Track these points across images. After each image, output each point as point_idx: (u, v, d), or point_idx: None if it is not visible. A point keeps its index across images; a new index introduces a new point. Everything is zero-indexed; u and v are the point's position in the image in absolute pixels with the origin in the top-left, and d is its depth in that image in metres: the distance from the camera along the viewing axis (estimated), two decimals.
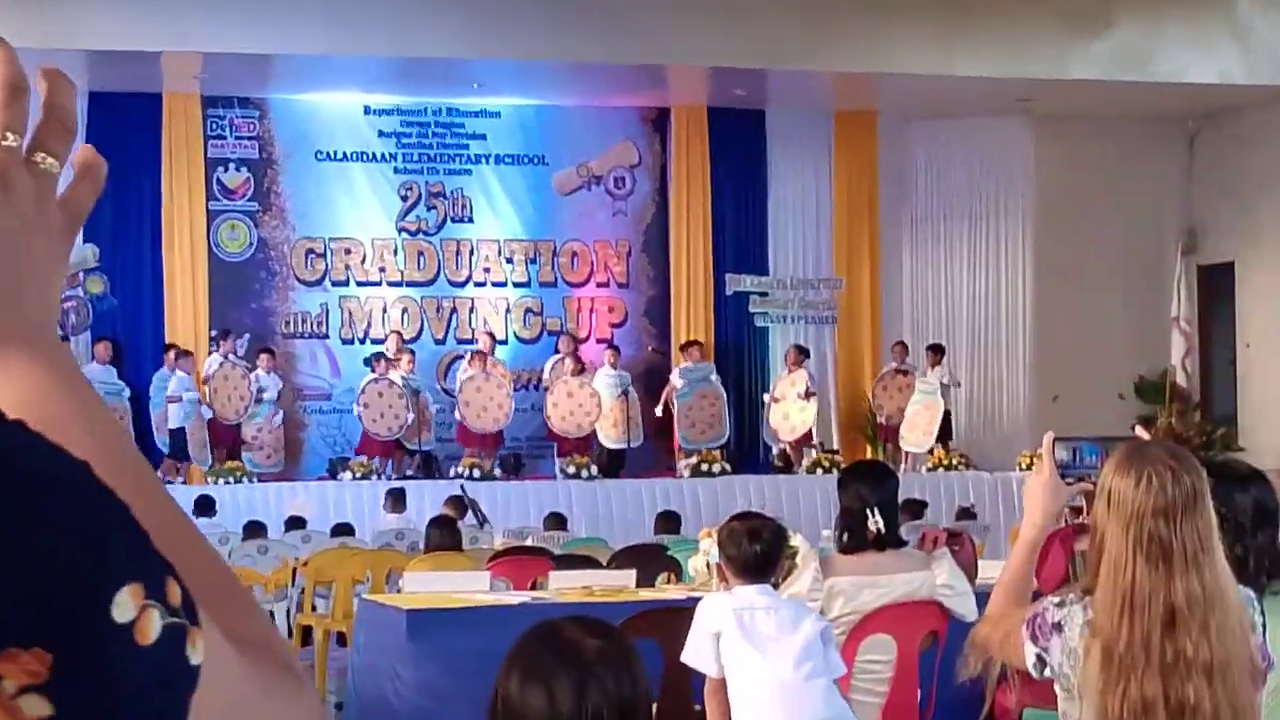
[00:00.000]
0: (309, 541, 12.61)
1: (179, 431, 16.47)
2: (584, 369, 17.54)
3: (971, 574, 6.06)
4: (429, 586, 7.91)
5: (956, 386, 18.49)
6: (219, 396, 16.69)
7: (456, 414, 17.18)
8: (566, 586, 7.79)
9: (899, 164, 19.73)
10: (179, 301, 17.81)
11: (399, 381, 16.98)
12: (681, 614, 5.35)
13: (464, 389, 17.08)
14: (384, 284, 18.64)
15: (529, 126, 18.99)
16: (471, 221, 18.89)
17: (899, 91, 18.09)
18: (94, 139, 15.85)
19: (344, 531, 13.46)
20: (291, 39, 16.04)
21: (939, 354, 18.33)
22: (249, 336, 17.82)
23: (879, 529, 5.52)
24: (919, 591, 5.62)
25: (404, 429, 16.88)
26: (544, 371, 18.14)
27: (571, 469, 16.85)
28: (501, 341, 18.45)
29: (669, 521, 12.78)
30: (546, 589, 7.93)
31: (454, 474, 16.49)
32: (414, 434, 16.97)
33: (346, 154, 18.56)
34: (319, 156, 18.48)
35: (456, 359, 18.28)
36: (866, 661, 5.55)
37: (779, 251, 19.49)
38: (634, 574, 8.09)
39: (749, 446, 18.68)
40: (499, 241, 18.91)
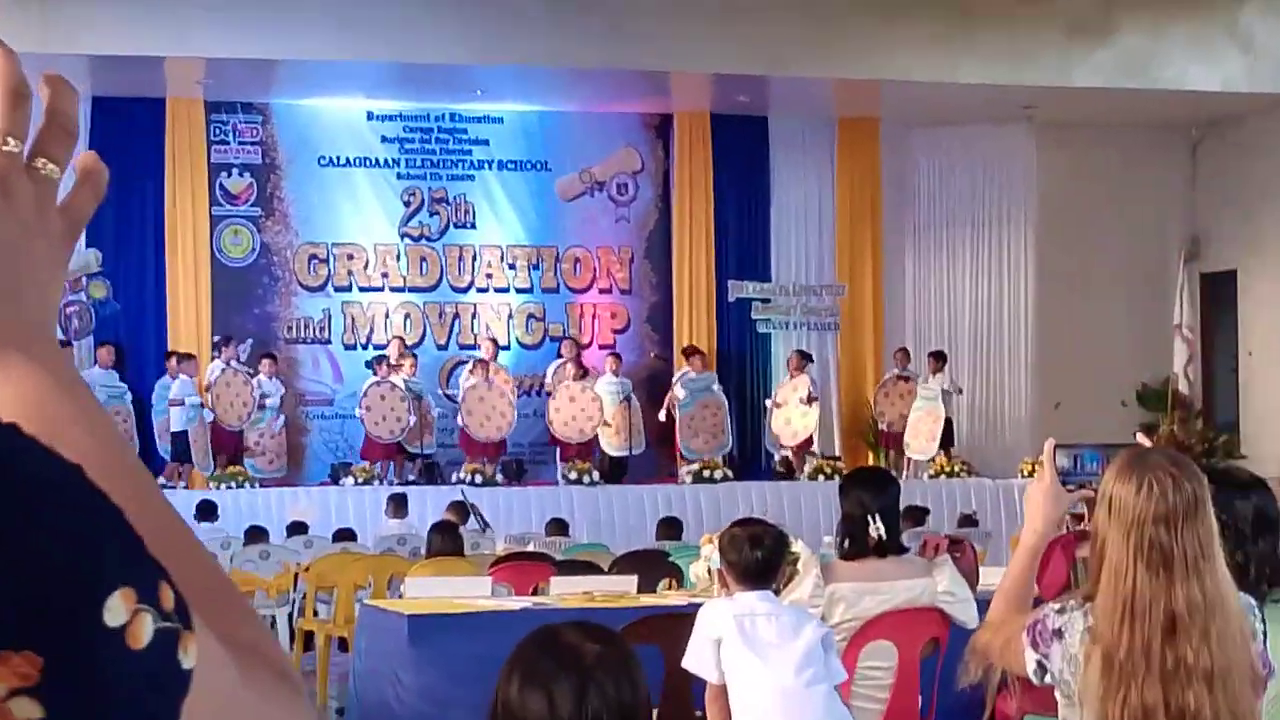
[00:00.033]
0: (311, 547, 12.60)
1: (181, 435, 16.46)
2: (586, 373, 17.55)
3: (973, 581, 6.07)
4: (430, 592, 7.92)
5: (958, 393, 18.49)
6: (221, 403, 16.68)
7: (459, 420, 17.18)
8: (568, 592, 7.80)
9: (901, 171, 19.73)
10: (181, 306, 17.80)
11: (401, 385, 16.98)
12: (683, 620, 5.34)
13: (466, 398, 17.07)
14: (386, 289, 18.63)
15: (532, 132, 18.98)
16: (474, 227, 18.88)
17: (902, 98, 18.09)
18: (97, 144, 15.93)
19: (346, 537, 13.46)
20: (294, 44, 16.04)
21: (940, 361, 18.32)
22: (251, 342, 17.82)
23: (880, 535, 5.52)
24: (920, 598, 5.62)
25: (406, 432, 16.88)
26: (546, 377, 18.14)
27: (574, 474, 16.85)
28: (504, 347, 18.43)
29: (670, 527, 12.78)
30: (548, 594, 7.94)
31: (456, 479, 16.50)
32: (415, 437, 16.98)
33: (349, 159, 18.55)
34: (322, 162, 18.47)
35: (459, 365, 18.27)
36: (867, 668, 5.55)
37: (781, 258, 19.47)
38: (635, 580, 8.10)
39: (751, 453, 18.66)
40: (501, 247, 18.91)
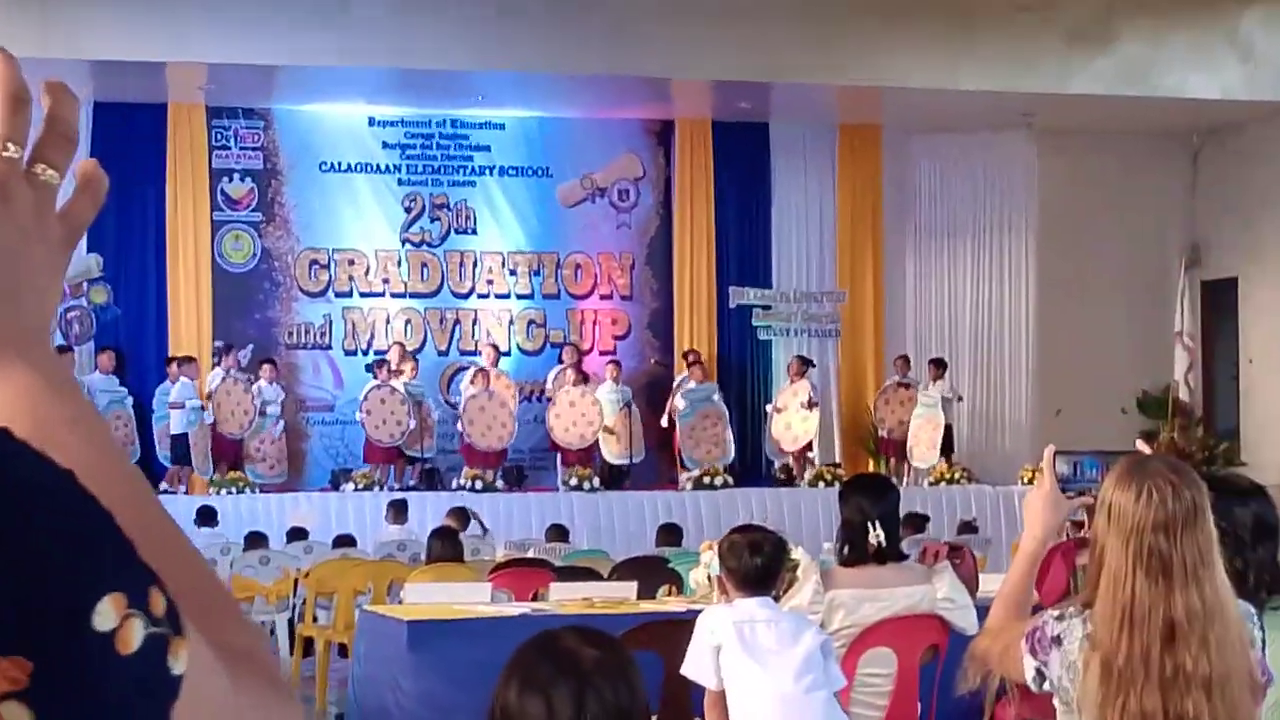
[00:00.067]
0: (311, 552, 12.60)
1: (181, 438, 16.46)
2: (587, 379, 17.55)
3: (972, 588, 6.06)
4: (430, 598, 7.92)
5: (958, 400, 18.49)
6: (222, 412, 16.66)
7: (459, 425, 17.17)
8: (567, 598, 7.80)
9: (902, 177, 19.74)
10: (182, 312, 17.79)
11: (401, 389, 16.98)
12: (682, 626, 5.34)
13: (468, 408, 17.05)
14: (387, 295, 18.63)
15: (533, 138, 18.99)
16: (475, 233, 18.88)
17: (903, 105, 18.10)
18: (98, 149, 15.95)
19: (346, 542, 13.46)
20: (296, 50, 16.04)
21: (941, 368, 18.33)
22: (252, 347, 17.82)
23: (880, 542, 5.52)
24: (920, 605, 5.62)
25: (406, 435, 16.88)
26: (547, 383, 18.13)
27: (574, 481, 16.85)
28: (505, 353, 18.43)
29: (670, 534, 12.78)
30: (547, 600, 7.94)
31: (456, 485, 16.50)
32: (416, 440, 16.98)
33: (350, 165, 18.55)
34: (323, 167, 18.47)
35: (459, 370, 18.28)
36: (867, 674, 5.55)
37: (782, 264, 19.47)
38: (635, 586, 8.10)
39: (751, 459, 18.65)
40: (502, 253, 18.91)
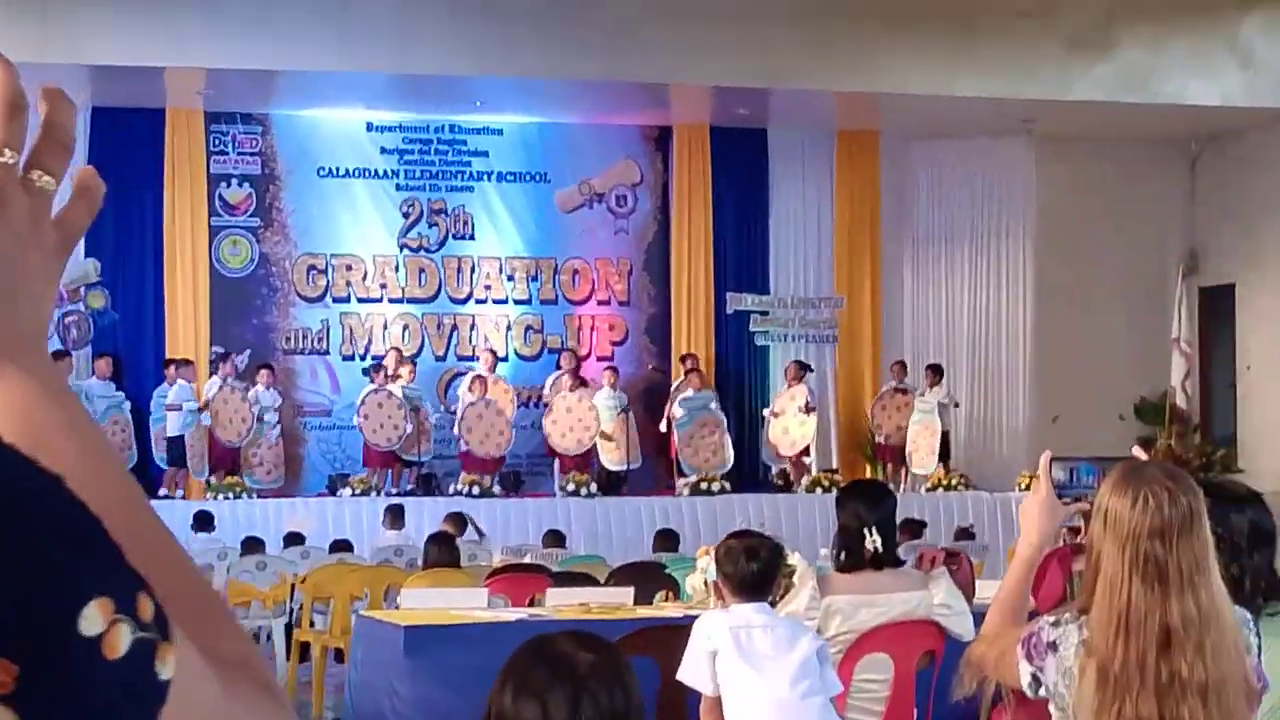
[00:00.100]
0: (307, 557, 12.59)
1: (178, 440, 16.45)
2: (585, 385, 17.54)
3: (969, 594, 6.07)
4: (427, 603, 7.92)
5: (955, 406, 18.49)
6: (219, 420, 16.64)
7: (456, 430, 17.16)
8: (564, 604, 7.79)
9: (900, 184, 19.73)
10: (180, 317, 17.78)
11: (398, 393, 16.97)
12: (678, 632, 5.35)
13: (466, 416, 17.02)
14: (385, 300, 18.62)
15: (531, 144, 18.99)
16: (473, 238, 18.89)
17: (901, 111, 18.10)
18: (96, 154, 15.96)
19: (343, 548, 13.46)
20: (294, 55, 16.05)
21: (938, 374, 18.33)
22: (249, 353, 17.82)
23: (876, 548, 5.52)
24: (916, 611, 5.62)
25: (403, 440, 16.87)
26: (544, 388, 18.13)
27: (571, 486, 16.84)
28: (502, 359, 18.43)
29: (667, 539, 12.77)
30: (544, 606, 7.94)
31: (453, 491, 16.49)
32: (413, 444, 16.97)
33: (348, 170, 18.56)
34: (321, 173, 18.47)
35: (457, 376, 18.28)
36: (863, 680, 5.55)
37: (780, 270, 19.47)
38: (632, 591, 8.09)
39: (748, 465, 18.64)
40: (500, 259, 18.91)
